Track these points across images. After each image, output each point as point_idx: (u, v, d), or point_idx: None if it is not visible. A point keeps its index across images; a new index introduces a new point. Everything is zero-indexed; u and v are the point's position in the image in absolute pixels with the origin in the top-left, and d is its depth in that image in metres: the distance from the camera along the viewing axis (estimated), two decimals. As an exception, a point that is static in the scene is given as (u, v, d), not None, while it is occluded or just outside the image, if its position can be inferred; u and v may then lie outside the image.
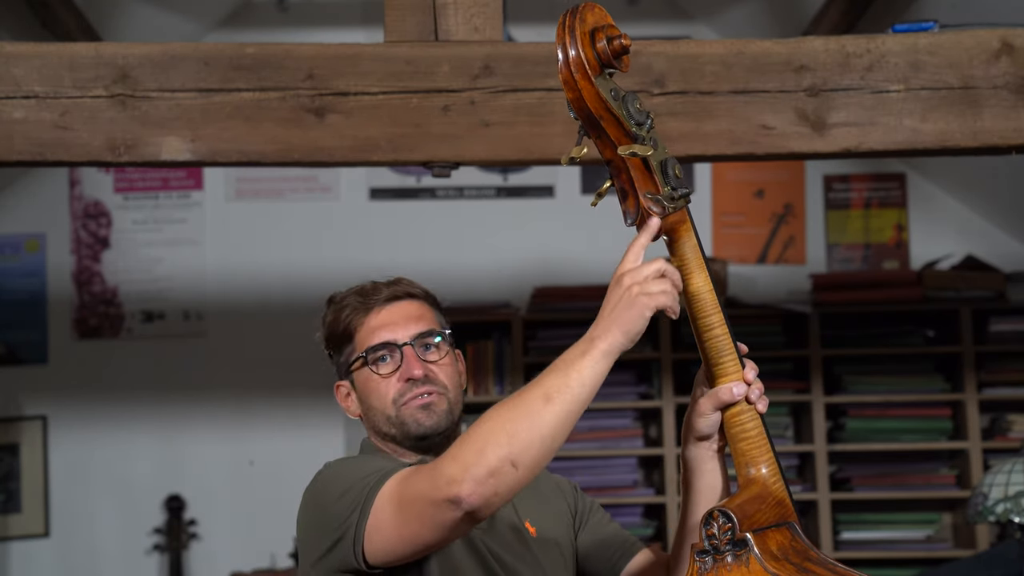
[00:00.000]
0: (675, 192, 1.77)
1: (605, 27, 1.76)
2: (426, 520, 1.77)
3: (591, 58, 1.74)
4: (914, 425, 5.14)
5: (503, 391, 5.11)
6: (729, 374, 1.83)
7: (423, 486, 1.77)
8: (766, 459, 1.80)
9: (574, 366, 1.74)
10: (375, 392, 2.07)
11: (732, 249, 5.52)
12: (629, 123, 1.76)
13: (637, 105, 1.77)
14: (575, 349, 1.75)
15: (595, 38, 1.75)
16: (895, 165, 5.57)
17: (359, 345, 2.09)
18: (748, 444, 1.81)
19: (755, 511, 1.73)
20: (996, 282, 5.16)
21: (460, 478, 1.71)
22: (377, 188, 5.55)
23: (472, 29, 2.92)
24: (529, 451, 1.71)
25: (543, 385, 1.74)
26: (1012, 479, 3.65)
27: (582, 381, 1.73)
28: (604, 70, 1.76)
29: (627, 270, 1.76)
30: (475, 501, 1.71)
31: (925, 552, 5.05)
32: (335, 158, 2.91)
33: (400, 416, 2.06)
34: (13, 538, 5.34)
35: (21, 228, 5.47)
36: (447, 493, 1.72)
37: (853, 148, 2.90)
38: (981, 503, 3.69)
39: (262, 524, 4.79)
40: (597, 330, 1.75)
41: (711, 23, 5.56)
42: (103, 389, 5.43)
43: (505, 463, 1.70)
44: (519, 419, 1.72)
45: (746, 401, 1.82)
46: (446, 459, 1.76)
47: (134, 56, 2.85)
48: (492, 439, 1.72)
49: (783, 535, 1.73)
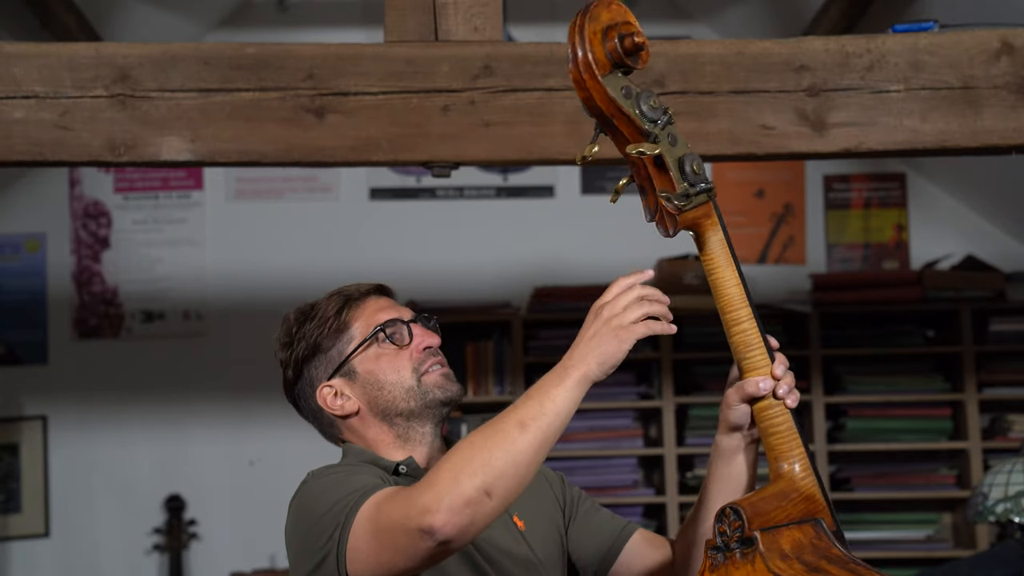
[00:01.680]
0: (692, 188, 1.77)
1: (619, 24, 1.76)
2: (400, 549, 1.75)
3: (600, 58, 1.74)
4: (914, 425, 5.14)
5: (503, 391, 5.11)
6: (758, 368, 1.84)
7: (397, 514, 1.75)
8: (796, 454, 1.79)
9: (548, 395, 1.75)
10: (390, 367, 2.04)
11: (732, 249, 5.51)
12: (642, 121, 1.76)
13: (652, 103, 1.77)
14: (550, 377, 1.77)
15: (607, 36, 1.75)
16: (895, 165, 5.57)
17: (364, 328, 2.06)
18: (777, 439, 1.81)
19: (773, 508, 1.73)
20: (996, 282, 5.16)
21: (434, 508, 1.69)
22: (377, 188, 5.55)
23: (472, 29, 2.92)
24: (503, 479, 1.72)
25: (518, 413, 1.75)
26: (1012, 479, 3.65)
27: (556, 409, 1.75)
28: (616, 68, 1.76)
29: (605, 302, 1.78)
30: (449, 531, 1.70)
31: (925, 552, 5.05)
32: (335, 158, 2.91)
33: (423, 384, 2.03)
34: (13, 538, 5.34)
35: (21, 228, 5.47)
36: (420, 523, 1.70)
37: (853, 148, 2.90)
38: (981, 503, 3.68)
39: (262, 524, 4.78)
40: (572, 359, 1.77)
41: (711, 23, 5.56)
42: (103, 389, 5.43)
43: (480, 492, 1.70)
44: (494, 447, 1.72)
45: (774, 396, 1.82)
46: (421, 487, 1.74)
47: (134, 56, 2.85)
48: (467, 467, 1.71)
49: (804, 532, 1.73)
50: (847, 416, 5.15)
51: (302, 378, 2.09)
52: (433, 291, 5.25)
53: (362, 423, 2.07)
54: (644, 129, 1.76)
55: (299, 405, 2.13)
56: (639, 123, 1.76)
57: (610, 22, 1.76)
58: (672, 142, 1.77)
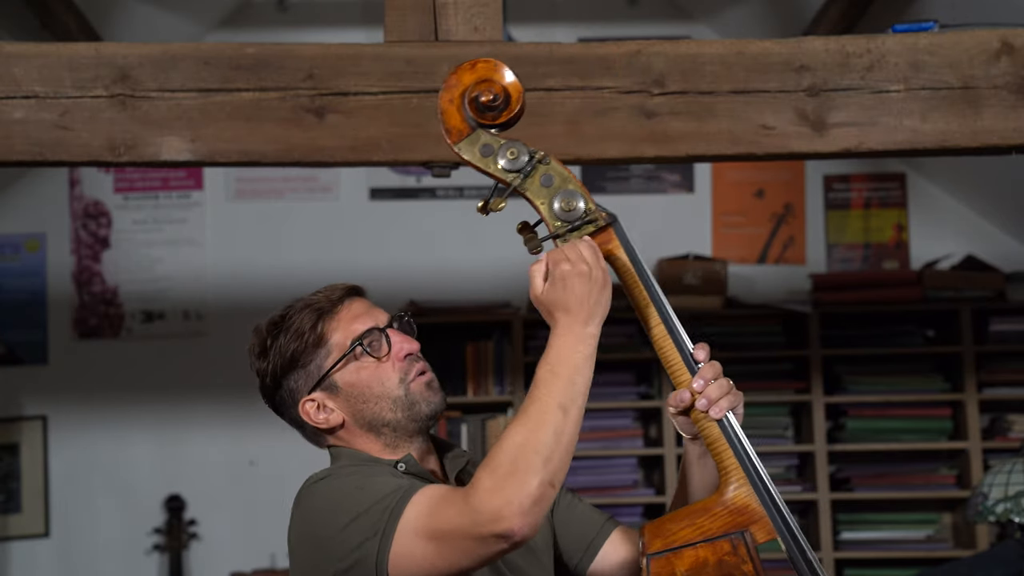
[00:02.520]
0: (565, 226, 1.87)
1: (476, 84, 1.86)
2: (468, 552, 1.75)
3: (457, 124, 1.88)
4: (914, 425, 5.14)
5: (503, 391, 5.11)
6: (681, 382, 1.89)
7: (462, 521, 1.74)
8: (729, 464, 1.84)
9: (578, 370, 1.80)
10: (374, 378, 2.01)
11: (732, 249, 5.52)
12: (503, 175, 1.89)
13: (510, 154, 1.88)
14: (568, 349, 1.80)
15: (464, 101, 1.86)
16: (895, 165, 5.57)
17: (342, 340, 2.01)
18: (712, 449, 1.87)
19: (682, 528, 1.78)
20: (996, 282, 5.16)
21: (507, 512, 1.70)
22: (377, 188, 5.55)
23: (472, 29, 2.92)
24: (563, 468, 1.75)
25: (555, 396, 1.77)
26: (1012, 479, 3.65)
27: (586, 382, 1.80)
28: (482, 127, 1.88)
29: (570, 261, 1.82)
30: (526, 531, 1.71)
31: (925, 552, 5.05)
32: (335, 158, 2.91)
33: (410, 395, 2.00)
34: (13, 538, 5.34)
35: (21, 228, 5.47)
36: (494, 529, 1.70)
37: (853, 148, 2.89)
38: (981, 503, 3.68)
39: (262, 524, 4.79)
40: (580, 322, 1.81)
41: (711, 23, 5.55)
42: (103, 389, 5.43)
43: (545, 487, 1.72)
44: (547, 439, 1.74)
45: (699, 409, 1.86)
46: (482, 492, 1.72)
47: (134, 56, 2.85)
48: (528, 465, 1.72)
49: (714, 550, 1.76)
50: (847, 416, 5.15)
51: (282, 388, 2.07)
52: (433, 291, 5.25)
53: (348, 434, 2.04)
54: (506, 181, 1.88)
55: (280, 412, 2.11)
56: (501, 177, 1.88)
57: (469, 84, 1.87)
58: (545, 183, 1.88)
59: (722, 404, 1.86)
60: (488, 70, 1.87)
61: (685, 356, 1.88)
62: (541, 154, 1.88)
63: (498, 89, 1.85)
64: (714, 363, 1.89)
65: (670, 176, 5.53)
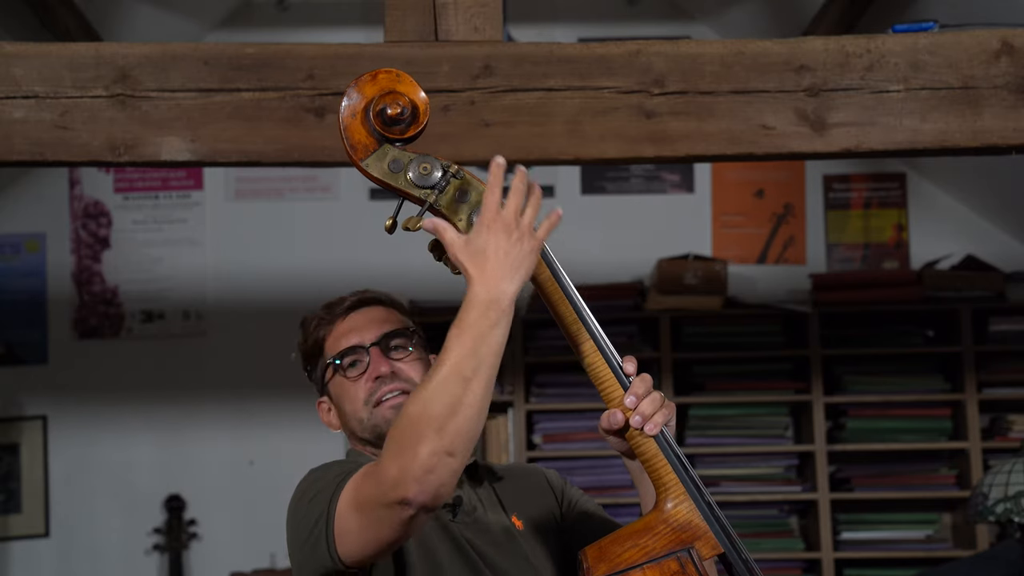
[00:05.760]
0: None
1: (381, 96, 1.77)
2: (384, 521, 1.76)
3: (362, 139, 1.77)
4: (914, 425, 5.14)
5: (503, 391, 5.11)
6: (612, 400, 1.82)
7: (372, 491, 1.76)
8: (667, 480, 1.78)
9: (483, 338, 1.72)
10: (347, 396, 2.08)
11: (732, 249, 5.52)
12: (414, 190, 1.78)
13: (422, 169, 1.77)
14: (475, 314, 1.72)
15: (368, 114, 1.76)
16: (895, 165, 5.57)
17: (328, 354, 2.10)
18: (648, 466, 1.81)
19: (626, 549, 1.72)
20: (996, 282, 5.16)
21: (402, 479, 1.69)
22: (377, 188, 5.54)
23: (472, 29, 2.92)
24: (460, 436, 1.70)
25: (456, 365, 1.71)
26: (1012, 479, 3.65)
27: (493, 350, 1.72)
28: (388, 142, 1.77)
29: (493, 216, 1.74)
30: (424, 498, 1.70)
31: (925, 552, 5.05)
32: (335, 158, 2.90)
33: (373, 418, 2.06)
34: (13, 538, 5.34)
35: (21, 228, 5.47)
36: (394, 496, 1.71)
37: (853, 148, 2.89)
38: (981, 503, 3.68)
39: (262, 524, 4.79)
40: (490, 286, 1.73)
41: (711, 23, 5.55)
42: (103, 389, 5.43)
43: (441, 455, 1.69)
44: (443, 409, 1.69)
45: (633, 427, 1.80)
46: (385, 459, 1.74)
47: (134, 56, 2.85)
48: (421, 435, 1.69)
49: (661, 569, 1.71)
50: (847, 416, 5.15)
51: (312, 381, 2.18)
52: (433, 291, 5.25)
53: (351, 437, 2.14)
54: (418, 197, 1.78)
55: None
56: (412, 193, 1.78)
57: (373, 96, 1.77)
58: (460, 198, 1.78)
59: (657, 419, 1.80)
60: (391, 81, 1.79)
61: (616, 371, 1.81)
62: (455, 167, 1.80)
63: (404, 102, 1.78)
64: (645, 376, 1.83)
65: (670, 176, 5.53)
